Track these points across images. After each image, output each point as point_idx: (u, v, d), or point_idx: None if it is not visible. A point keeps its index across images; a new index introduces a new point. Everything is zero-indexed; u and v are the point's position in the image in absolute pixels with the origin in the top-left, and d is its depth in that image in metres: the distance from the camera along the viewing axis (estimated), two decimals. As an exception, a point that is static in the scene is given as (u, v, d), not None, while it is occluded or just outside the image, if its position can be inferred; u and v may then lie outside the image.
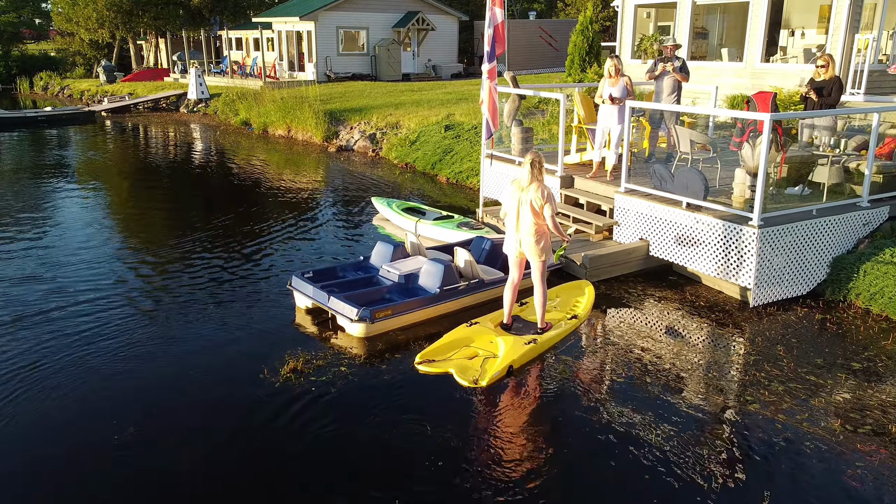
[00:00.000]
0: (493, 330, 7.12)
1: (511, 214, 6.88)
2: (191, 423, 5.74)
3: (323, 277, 8.15)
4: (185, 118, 28.23)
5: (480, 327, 7.16)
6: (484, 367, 6.54)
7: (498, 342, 6.86)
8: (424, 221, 10.83)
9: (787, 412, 5.89)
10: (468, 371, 6.47)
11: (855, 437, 5.54)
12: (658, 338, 7.33)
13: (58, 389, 6.21)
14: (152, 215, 12.87)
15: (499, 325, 7.25)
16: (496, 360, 6.60)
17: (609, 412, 5.90)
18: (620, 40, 18.84)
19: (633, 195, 9.08)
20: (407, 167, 16.83)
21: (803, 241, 8.09)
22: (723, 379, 6.49)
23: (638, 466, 5.18)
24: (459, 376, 6.38)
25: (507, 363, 6.52)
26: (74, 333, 7.31)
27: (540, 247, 6.81)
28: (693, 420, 5.78)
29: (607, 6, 35.18)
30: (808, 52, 15.78)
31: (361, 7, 32.08)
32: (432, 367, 6.57)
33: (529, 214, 6.70)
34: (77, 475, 5.09)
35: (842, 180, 8.78)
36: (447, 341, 6.94)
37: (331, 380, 6.40)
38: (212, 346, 7.13)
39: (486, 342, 6.95)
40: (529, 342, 6.87)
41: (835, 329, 7.52)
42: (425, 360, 6.68)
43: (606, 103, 9.94)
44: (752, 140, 7.76)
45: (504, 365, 6.49)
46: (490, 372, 6.40)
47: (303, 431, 5.63)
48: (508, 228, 6.99)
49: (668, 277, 8.99)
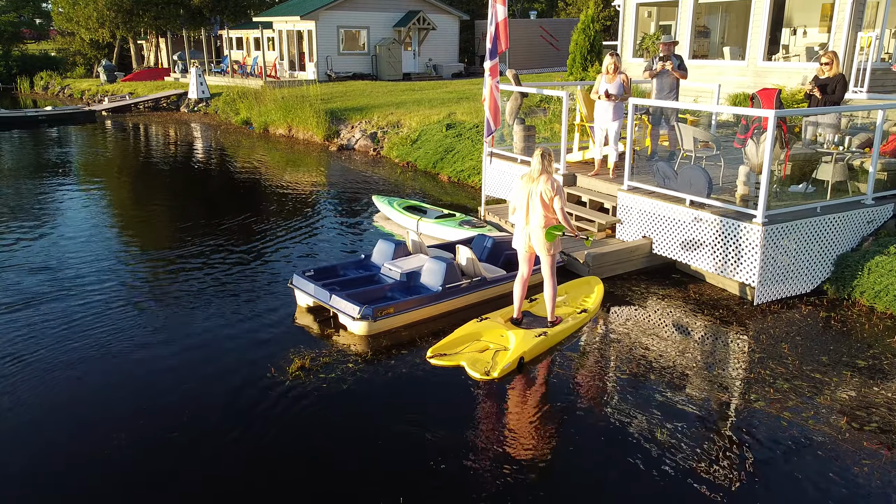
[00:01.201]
0: (504, 324, 7.19)
1: (520, 209, 6.90)
2: (207, 423, 5.66)
3: (324, 276, 8.12)
4: (186, 118, 28.19)
5: (491, 322, 7.23)
6: (495, 359, 6.61)
7: (509, 336, 6.93)
8: (426, 220, 10.79)
9: (792, 410, 5.85)
10: (479, 364, 6.55)
11: (861, 434, 5.50)
12: (662, 335, 7.29)
13: (64, 390, 6.18)
14: (152, 215, 12.83)
15: (509, 320, 7.31)
16: (507, 353, 6.67)
17: (615, 409, 5.86)
18: (622, 39, 18.80)
19: (636, 193, 9.04)
20: (408, 166, 16.79)
21: (807, 238, 8.05)
22: (727, 377, 6.45)
23: (643, 463, 5.14)
24: (471, 369, 6.46)
25: (517, 355, 6.59)
26: (71, 334, 7.28)
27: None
28: (698, 418, 5.74)
29: (608, 5, 35.16)
30: (810, 50, 15.74)
31: (362, 6, 32.05)
32: (444, 361, 6.65)
33: (539, 207, 6.72)
34: (104, 480, 5.06)
35: (846, 178, 8.73)
36: (458, 335, 7.01)
37: (340, 376, 6.38)
38: (215, 344, 7.08)
39: (496, 336, 7.03)
40: (540, 335, 6.94)
41: (839, 327, 7.48)
42: (437, 353, 6.76)
43: (602, 99, 9.91)
44: (757, 137, 7.72)
45: (515, 357, 6.56)
46: (501, 364, 6.47)
47: (319, 427, 5.61)
48: (517, 223, 7.00)
49: (671, 275, 8.95)
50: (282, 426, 5.62)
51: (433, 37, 34.19)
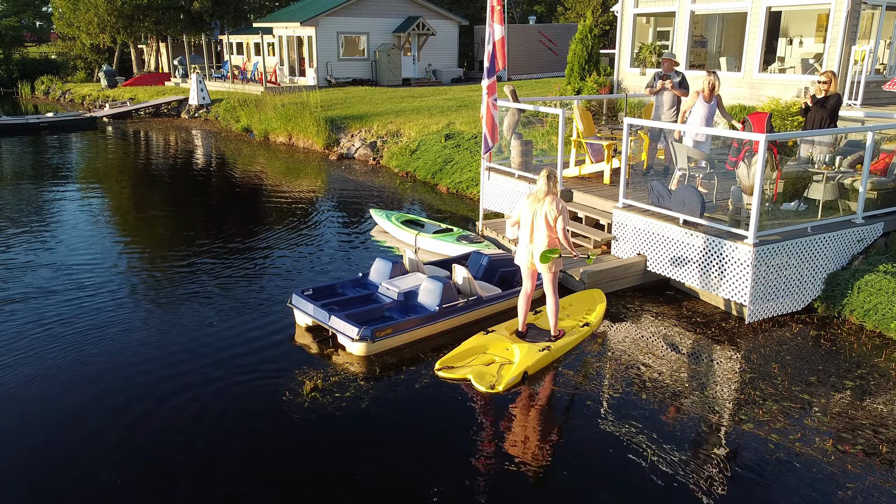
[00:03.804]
0: (509, 337, 7.43)
1: (525, 227, 7.15)
2: (238, 449, 5.76)
3: (323, 295, 8.26)
4: (187, 124, 28.35)
5: (497, 335, 7.45)
6: (500, 373, 6.87)
7: (513, 349, 7.18)
8: (424, 234, 10.93)
9: (780, 432, 5.99)
10: (485, 377, 6.81)
11: (846, 458, 5.64)
12: (657, 353, 7.43)
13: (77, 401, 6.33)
14: (151, 228, 12.93)
15: (514, 333, 7.55)
16: (511, 367, 6.91)
17: (611, 427, 6.00)
18: (619, 49, 18.94)
19: (631, 210, 9.19)
20: (407, 176, 16.94)
21: (798, 258, 8.19)
22: (719, 397, 6.59)
23: (633, 484, 5.28)
24: (477, 382, 6.72)
25: (521, 369, 6.85)
26: (67, 360, 7.42)
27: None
28: (689, 440, 5.88)
29: (607, 10, 35.32)
30: (805, 61, 15.88)
31: (362, 12, 32.19)
32: (451, 374, 6.91)
33: (543, 227, 6.99)
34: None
35: (836, 197, 8.87)
36: (465, 348, 7.26)
37: (357, 395, 6.57)
38: (221, 366, 7.15)
39: (502, 349, 7.27)
40: (543, 349, 7.18)
41: (829, 346, 7.62)
42: (445, 366, 7.01)
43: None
44: (748, 159, 7.86)
45: (519, 371, 6.82)
46: (506, 378, 6.73)
47: (348, 444, 5.80)
48: (521, 241, 7.26)
49: (665, 292, 9.09)
50: (310, 447, 5.77)
51: (433, 42, 34.34)
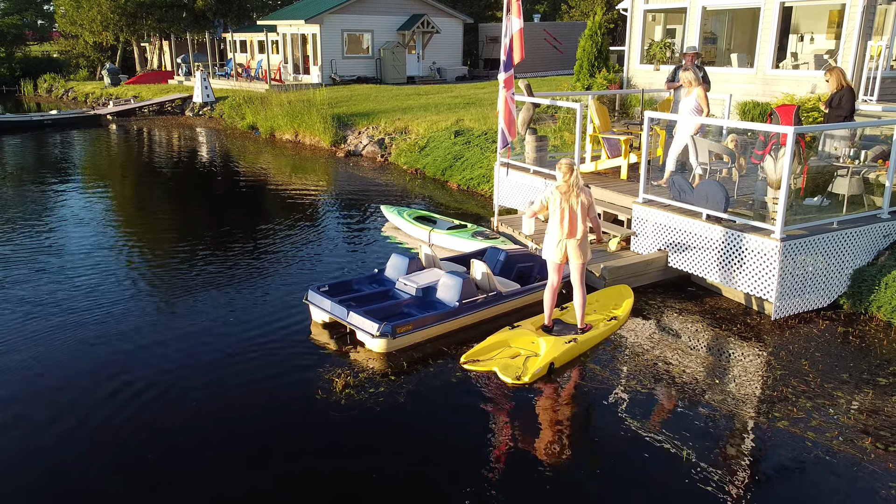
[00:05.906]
0: (535, 331, 7.35)
1: (554, 219, 7.01)
2: (282, 448, 5.62)
3: (339, 291, 8.09)
4: (191, 122, 28.19)
5: (523, 329, 7.38)
6: (526, 365, 6.79)
7: (539, 342, 7.10)
8: (438, 231, 10.76)
9: (816, 430, 5.83)
10: (511, 369, 6.72)
11: (887, 455, 5.48)
12: (682, 349, 7.27)
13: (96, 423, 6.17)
14: (159, 226, 12.74)
15: (540, 328, 7.45)
16: (538, 359, 6.83)
17: (640, 424, 5.85)
18: (629, 45, 18.78)
19: (651, 206, 9.03)
20: (416, 173, 16.78)
21: (824, 253, 8.03)
22: (750, 394, 6.43)
23: (665, 481, 5.13)
24: (503, 374, 6.63)
25: (548, 361, 6.77)
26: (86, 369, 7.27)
27: (582, 248, 7.04)
28: (722, 437, 5.73)
29: (612, 8, 35.15)
30: (818, 57, 15.71)
31: (366, 10, 32.03)
32: (477, 367, 6.84)
33: (579, 216, 6.91)
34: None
35: (861, 191, 8.72)
36: (491, 342, 7.18)
37: (392, 389, 6.46)
38: (244, 363, 6.97)
39: (528, 342, 7.19)
40: (569, 341, 7.10)
41: (858, 342, 7.46)
42: (470, 359, 6.94)
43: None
44: (775, 153, 7.70)
45: (545, 362, 6.74)
46: (532, 369, 6.65)
47: (393, 441, 5.68)
48: (552, 235, 7.11)
49: (686, 288, 8.93)
50: (357, 445, 5.65)
51: (437, 40, 34.17)
